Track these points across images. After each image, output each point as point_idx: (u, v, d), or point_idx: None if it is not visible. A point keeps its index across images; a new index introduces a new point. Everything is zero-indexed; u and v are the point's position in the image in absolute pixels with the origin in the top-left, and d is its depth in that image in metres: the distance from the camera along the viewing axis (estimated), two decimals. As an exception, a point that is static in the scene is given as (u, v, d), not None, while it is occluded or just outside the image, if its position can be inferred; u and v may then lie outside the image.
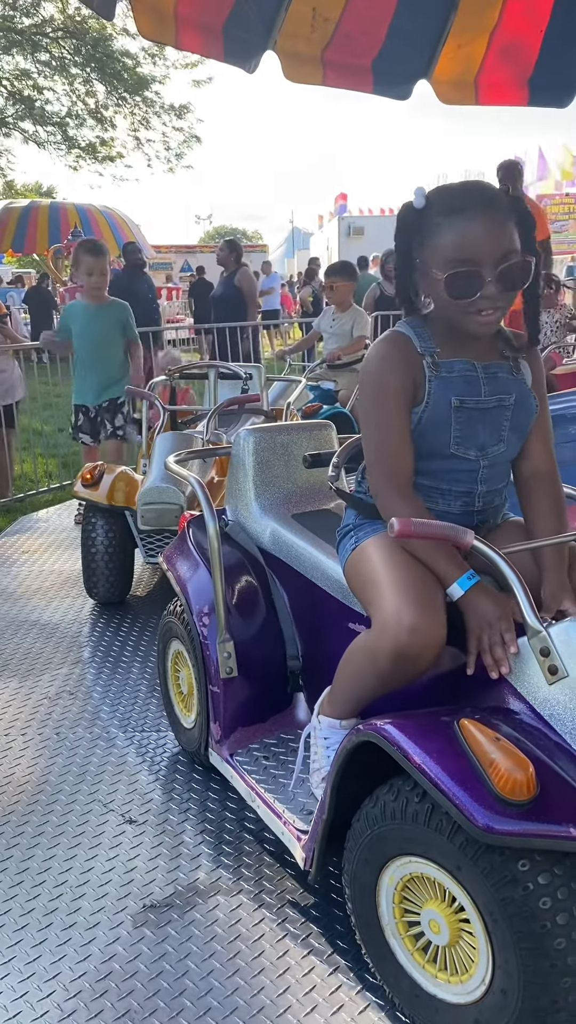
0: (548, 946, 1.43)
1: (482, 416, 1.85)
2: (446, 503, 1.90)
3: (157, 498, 3.64)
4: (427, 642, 1.66)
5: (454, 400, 1.82)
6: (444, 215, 1.71)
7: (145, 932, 2.01)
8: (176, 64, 18.74)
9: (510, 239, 1.70)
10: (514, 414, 1.88)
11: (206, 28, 3.95)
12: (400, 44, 4.53)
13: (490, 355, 1.88)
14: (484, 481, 1.89)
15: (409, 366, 1.82)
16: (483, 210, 1.69)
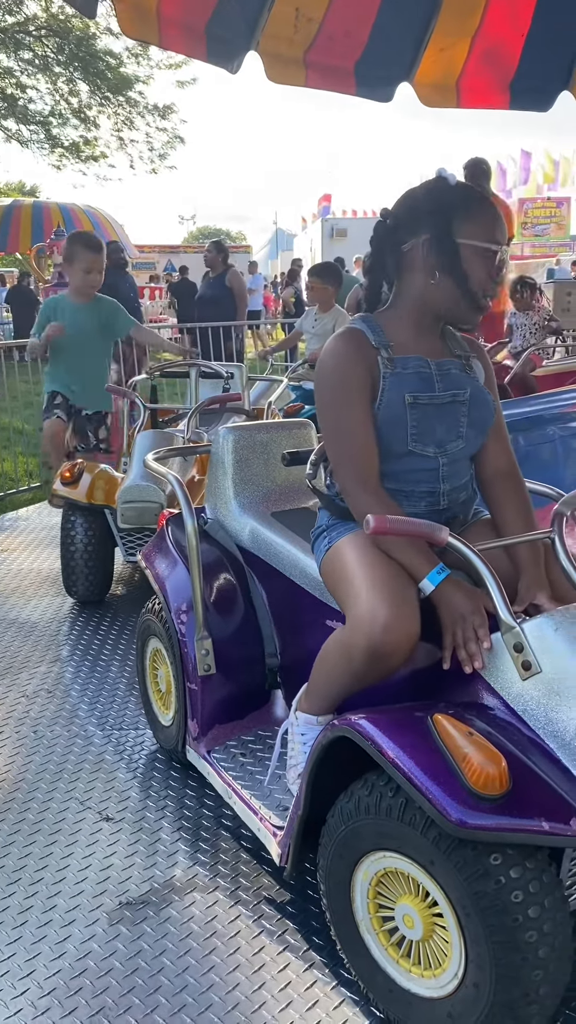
0: (520, 939, 1.44)
1: (437, 412, 1.87)
2: (411, 504, 1.91)
3: (137, 496, 3.64)
4: (400, 639, 1.67)
5: (408, 396, 1.84)
6: (478, 199, 1.85)
7: (121, 929, 2.01)
8: (160, 64, 18.71)
9: None
10: (470, 410, 1.91)
11: (189, 28, 3.95)
12: (382, 46, 4.54)
13: (441, 354, 1.93)
14: (446, 479, 1.91)
15: (366, 360, 1.85)
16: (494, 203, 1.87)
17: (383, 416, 1.84)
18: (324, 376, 1.87)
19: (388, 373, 1.84)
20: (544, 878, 1.47)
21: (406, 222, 1.86)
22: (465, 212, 1.82)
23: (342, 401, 1.84)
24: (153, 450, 2.98)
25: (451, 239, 1.82)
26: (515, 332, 7.58)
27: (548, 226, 30.80)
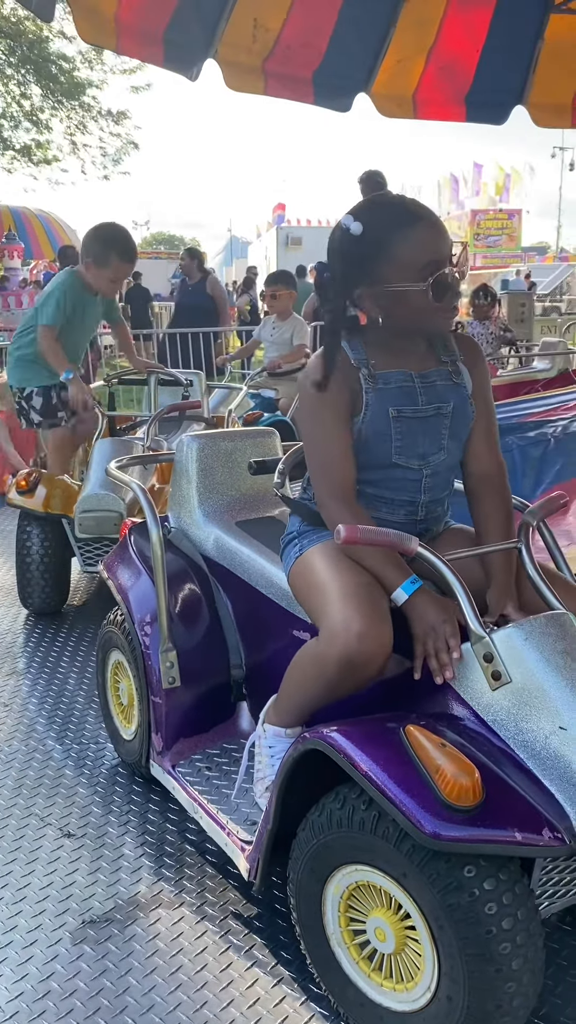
0: (493, 951, 1.44)
1: (421, 425, 1.87)
2: (390, 511, 1.91)
3: (96, 506, 3.59)
4: (375, 649, 1.67)
5: (392, 410, 1.84)
6: (396, 229, 1.75)
7: (84, 948, 1.97)
8: (114, 69, 18.59)
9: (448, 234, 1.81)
10: (452, 422, 1.91)
11: (146, 34, 3.93)
12: (340, 57, 4.57)
13: (428, 363, 1.91)
14: (427, 491, 1.91)
15: (346, 378, 1.84)
16: (427, 213, 1.78)
17: (368, 430, 1.84)
18: (304, 387, 1.88)
19: (370, 389, 1.84)
20: (517, 889, 1.48)
21: (338, 277, 1.83)
22: (385, 255, 1.75)
23: (320, 416, 1.85)
24: (112, 458, 2.94)
25: (381, 288, 1.78)
26: (470, 342, 7.68)
27: (500, 237, 31.29)
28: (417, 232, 1.74)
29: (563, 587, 1.84)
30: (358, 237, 1.77)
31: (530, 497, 2.89)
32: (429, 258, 1.74)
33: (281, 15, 4.30)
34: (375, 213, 1.79)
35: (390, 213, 1.78)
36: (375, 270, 1.77)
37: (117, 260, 3.87)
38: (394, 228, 1.75)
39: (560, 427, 4.10)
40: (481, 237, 31.18)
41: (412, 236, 1.74)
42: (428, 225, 1.76)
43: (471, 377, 1.94)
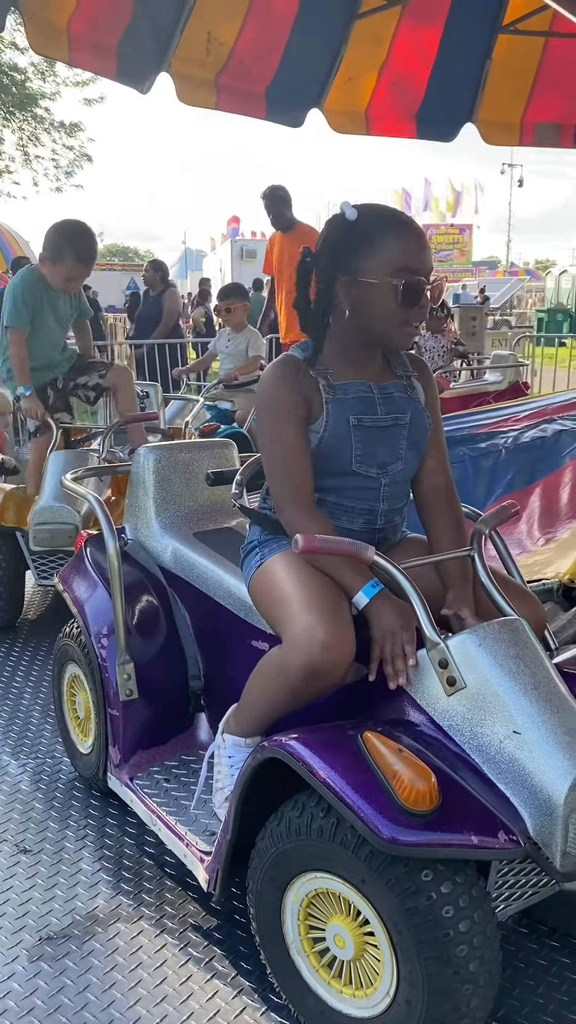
0: (451, 953, 1.46)
1: (380, 434, 1.90)
2: (349, 520, 1.93)
3: (51, 518, 3.56)
4: (339, 657, 1.68)
5: (352, 419, 1.87)
6: (384, 226, 1.81)
7: (42, 966, 1.94)
8: (67, 81, 18.50)
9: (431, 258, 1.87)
10: (410, 432, 1.94)
11: (100, 46, 3.94)
12: (293, 73, 4.62)
13: (384, 376, 1.95)
14: (386, 499, 1.94)
15: (302, 386, 1.87)
16: (419, 228, 1.86)
17: (329, 439, 1.86)
18: (261, 400, 1.91)
19: (330, 399, 1.87)
20: (473, 892, 1.50)
21: (320, 261, 1.87)
22: (368, 248, 1.80)
23: (276, 422, 1.87)
24: (67, 470, 2.92)
25: (356, 278, 1.81)
26: (424, 355, 7.78)
27: (451, 252, 31.75)
28: (403, 235, 1.81)
29: (515, 593, 1.88)
30: (350, 223, 1.83)
31: (482, 506, 2.95)
32: (407, 263, 1.79)
33: (235, 29, 4.34)
34: (372, 208, 1.86)
35: (385, 213, 1.87)
36: (357, 259, 1.82)
37: (72, 259, 3.78)
38: (384, 225, 1.82)
39: (511, 438, 4.18)
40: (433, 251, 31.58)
41: (397, 237, 1.81)
42: (415, 234, 1.83)
43: (423, 392, 2.00)
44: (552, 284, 26.07)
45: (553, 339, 15.47)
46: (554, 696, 1.63)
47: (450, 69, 4.84)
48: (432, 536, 2.00)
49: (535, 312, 24.38)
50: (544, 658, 1.70)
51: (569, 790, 1.51)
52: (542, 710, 1.59)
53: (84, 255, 3.80)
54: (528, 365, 9.90)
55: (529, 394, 7.56)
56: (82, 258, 3.80)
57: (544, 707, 1.60)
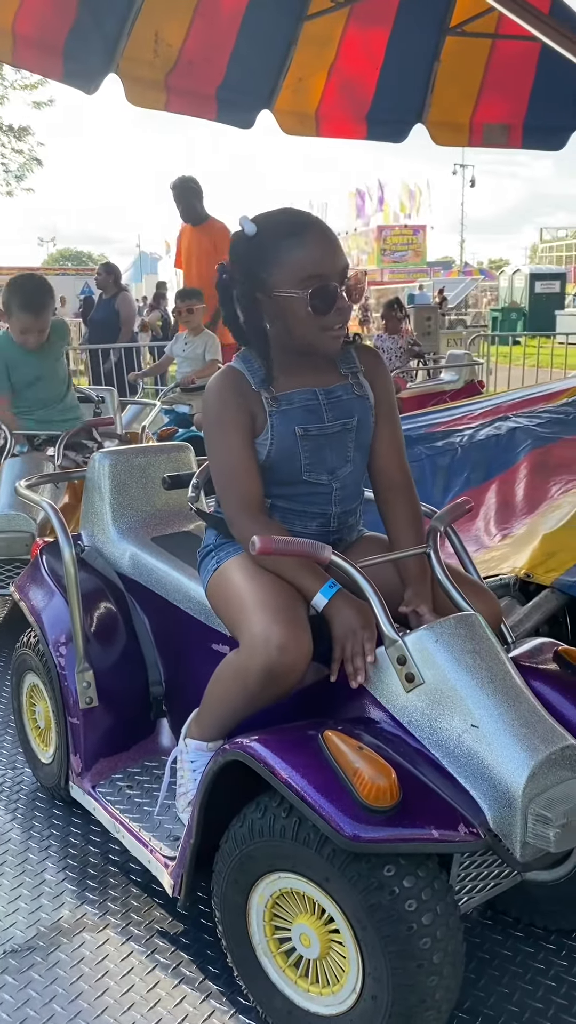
0: (415, 947, 1.47)
1: (327, 441, 1.90)
2: (303, 524, 1.94)
3: (6, 526, 3.51)
4: (295, 659, 1.68)
5: (298, 430, 1.86)
6: (286, 236, 1.78)
7: (6, 979, 1.92)
8: (14, 85, 18.35)
9: (344, 253, 1.84)
10: (357, 435, 1.94)
11: (45, 46, 3.91)
12: (243, 74, 4.63)
13: (331, 378, 1.93)
14: (339, 503, 1.95)
15: (244, 398, 1.85)
16: (321, 230, 1.81)
17: (276, 450, 1.85)
18: (206, 411, 1.90)
19: (274, 411, 1.85)
20: (435, 885, 1.51)
21: (234, 278, 1.85)
22: (273, 262, 1.77)
23: (222, 434, 1.86)
24: (22, 477, 2.89)
25: (269, 295, 1.80)
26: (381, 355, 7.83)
27: (406, 253, 31.98)
28: (304, 242, 1.76)
29: (471, 589, 1.90)
30: (250, 239, 1.81)
31: (440, 504, 2.96)
32: (312, 270, 1.76)
33: (182, 30, 4.33)
34: (270, 219, 1.82)
35: (284, 221, 1.82)
36: (265, 275, 1.79)
37: (17, 310, 3.78)
38: (284, 235, 1.78)
39: (467, 436, 4.22)
40: (388, 252, 31.83)
41: (298, 245, 1.76)
42: (317, 237, 1.77)
43: (374, 389, 1.97)
44: (506, 283, 26.41)
45: (507, 338, 15.67)
46: (510, 689, 1.65)
47: (398, 70, 4.89)
48: (391, 531, 2.00)
49: (490, 311, 24.68)
50: (500, 652, 1.73)
51: (527, 781, 1.53)
52: (499, 703, 1.61)
53: (27, 303, 3.78)
54: (483, 364, 10.00)
55: (484, 392, 7.65)
56: (26, 306, 3.78)
57: (501, 700, 1.62)
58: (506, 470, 3.91)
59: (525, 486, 3.76)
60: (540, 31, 3.87)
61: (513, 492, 3.75)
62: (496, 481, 3.86)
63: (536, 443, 4.03)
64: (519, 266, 27.97)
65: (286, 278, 1.77)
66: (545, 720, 1.63)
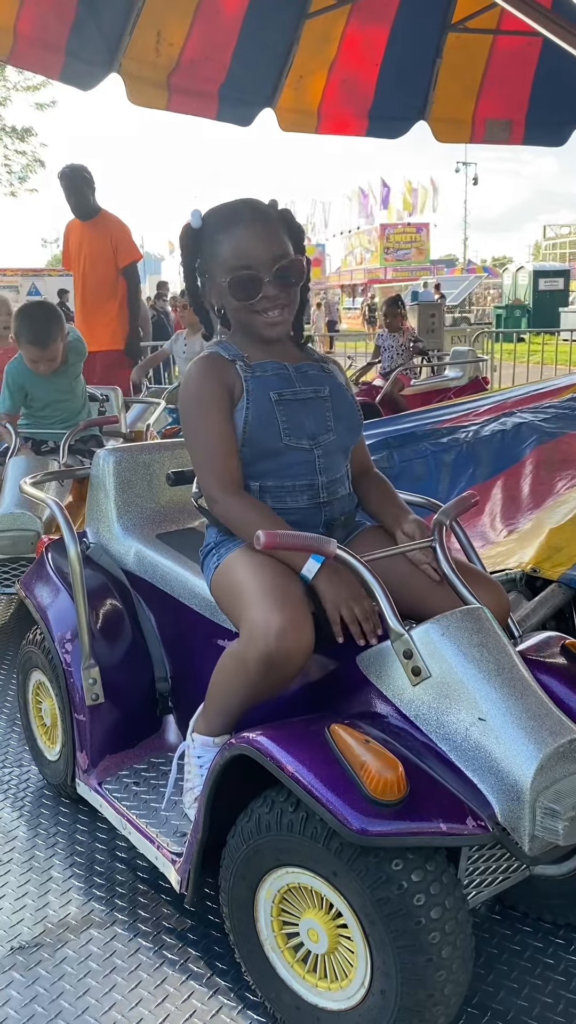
0: (424, 941, 1.47)
1: (303, 406, 1.95)
2: (294, 499, 1.95)
3: (11, 525, 3.51)
4: (295, 646, 1.68)
5: (272, 395, 1.92)
6: (221, 229, 1.89)
7: (14, 976, 1.92)
8: (17, 86, 18.36)
9: (280, 243, 1.90)
10: (334, 404, 2.00)
11: (47, 45, 3.90)
12: (245, 72, 4.63)
13: (299, 358, 2.03)
14: (323, 471, 1.96)
15: (222, 374, 1.93)
16: (253, 220, 1.89)
17: (253, 417, 1.90)
18: (184, 398, 1.97)
19: (249, 377, 1.93)
20: (444, 879, 1.50)
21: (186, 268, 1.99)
22: (209, 252, 1.91)
23: (201, 414, 1.92)
24: (27, 475, 2.89)
25: (212, 284, 1.94)
26: (383, 353, 7.82)
27: (409, 251, 31.95)
28: (233, 233, 1.87)
29: (477, 582, 1.89)
30: (197, 231, 1.93)
31: (445, 500, 2.96)
32: (236, 260, 1.86)
33: (184, 29, 4.33)
34: (214, 212, 1.93)
35: (222, 214, 1.92)
36: (204, 266, 1.94)
37: (25, 343, 3.82)
38: (219, 227, 1.90)
39: (472, 432, 4.21)
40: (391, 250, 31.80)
41: (228, 236, 1.87)
42: (245, 227, 1.87)
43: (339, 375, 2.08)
44: (509, 280, 26.37)
45: (511, 335, 15.65)
46: (517, 682, 1.64)
47: (400, 67, 4.88)
48: (376, 513, 2.08)
49: (493, 308, 24.65)
50: (507, 645, 1.72)
51: (535, 774, 1.52)
52: (506, 696, 1.61)
53: (34, 338, 3.79)
54: (487, 360, 10.00)
55: (489, 389, 7.64)
56: (33, 341, 3.79)
57: (508, 693, 1.61)
58: (512, 466, 3.90)
59: (531, 481, 3.76)
60: (542, 26, 3.86)
61: (519, 487, 3.75)
62: (502, 477, 3.85)
63: (541, 438, 4.03)
64: (523, 263, 27.92)
65: (219, 268, 1.90)
66: (553, 713, 1.63)
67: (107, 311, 5.62)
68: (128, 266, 5.72)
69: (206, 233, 1.91)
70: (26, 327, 3.80)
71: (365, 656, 1.75)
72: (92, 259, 5.66)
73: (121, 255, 5.67)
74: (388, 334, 7.86)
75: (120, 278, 5.68)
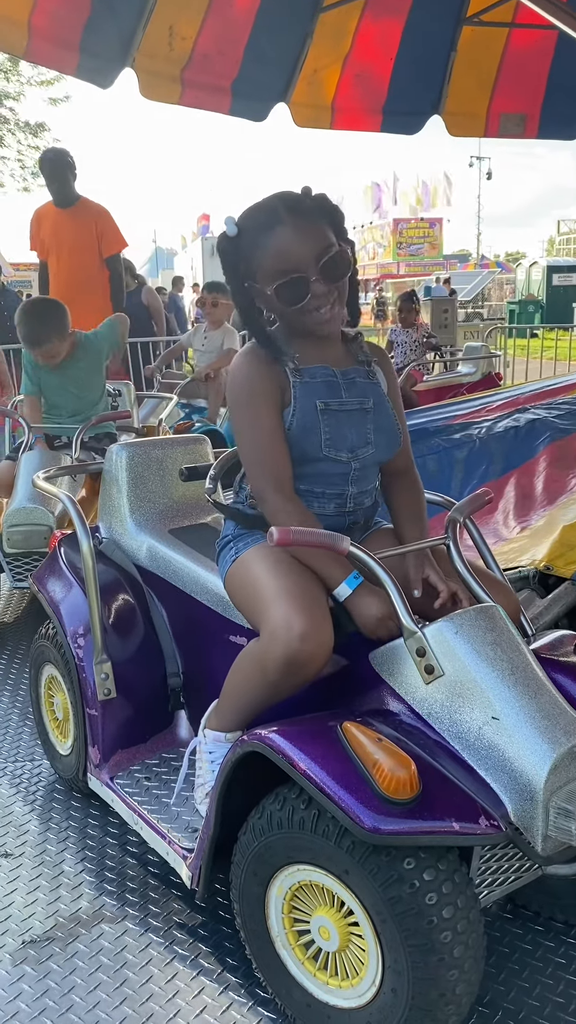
0: (435, 940, 1.46)
1: (348, 418, 1.91)
2: (320, 506, 1.93)
3: (25, 519, 3.52)
4: (317, 649, 1.68)
5: (319, 403, 1.87)
6: (259, 234, 1.81)
7: (25, 969, 1.92)
8: (31, 81, 18.32)
9: (322, 235, 1.82)
10: (375, 417, 1.95)
11: (62, 41, 3.91)
12: (258, 66, 4.62)
13: (346, 362, 1.96)
14: (355, 483, 1.94)
15: (272, 371, 1.87)
16: (290, 217, 1.80)
17: (298, 423, 1.86)
18: (234, 390, 1.90)
19: (297, 382, 1.87)
20: (456, 878, 1.50)
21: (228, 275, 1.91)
22: (251, 260, 1.83)
23: (252, 411, 1.86)
24: (40, 470, 2.89)
25: (247, 289, 1.87)
26: (396, 348, 7.80)
27: (422, 246, 31.82)
28: (271, 238, 1.79)
29: (490, 581, 1.88)
30: (235, 240, 1.85)
31: (458, 497, 2.95)
32: (279, 265, 1.80)
33: (196, 23, 4.32)
34: (248, 217, 1.85)
35: (259, 218, 1.83)
36: (248, 274, 1.85)
37: (21, 339, 3.83)
38: (256, 234, 1.82)
39: (485, 428, 4.20)
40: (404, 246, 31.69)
41: (268, 241, 1.80)
42: (283, 229, 1.79)
43: (384, 378, 2.01)
44: (523, 276, 26.24)
45: (525, 330, 15.58)
46: (531, 681, 1.63)
47: (414, 61, 4.86)
48: (396, 518, 2.05)
49: (507, 304, 24.53)
50: (521, 643, 1.71)
51: (548, 774, 1.52)
52: (520, 695, 1.60)
53: (27, 335, 3.81)
54: (500, 356, 9.95)
55: (502, 385, 7.61)
56: (26, 337, 3.81)
57: (522, 692, 1.60)
58: (525, 462, 3.88)
59: (544, 478, 3.74)
60: (558, 18, 3.83)
61: (532, 484, 3.73)
62: (515, 473, 3.83)
63: (555, 435, 4.01)
64: (536, 258, 27.76)
65: (264, 276, 1.83)
66: (567, 712, 1.62)
67: (90, 304, 5.28)
68: (112, 256, 5.49)
69: (244, 240, 1.83)
70: (23, 324, 3.82)
71: (378, 654, 1.74)
72: (75, 249, 5.39)
73: (106, 244, 5.44)
74: (402, 329, 7.83)
75: (103, 269, 5.46)
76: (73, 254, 5.40)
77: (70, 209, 5.38)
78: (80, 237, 5.38)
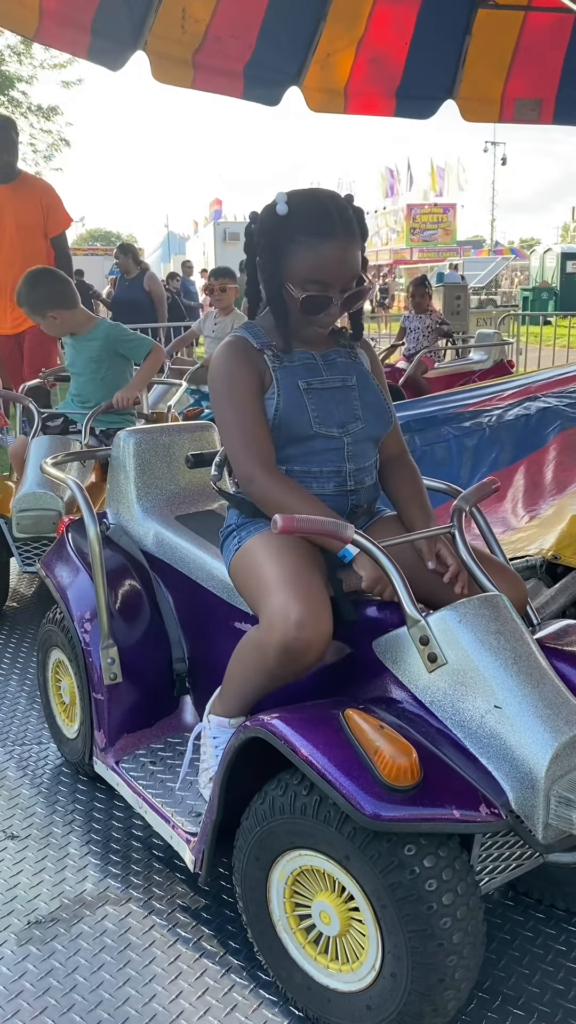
0: (435, 926, 1.47)
1: (332, 395, 1.94)
2: (319, 485, 1.94)
3: (33, 504, 3.53)
4: (314, 636, 1.68)
5: (301, 383, 1.91)
6: (307, 234, 1.81)
7: (30, 949, 1.95)
8: (44, 64, 18.26)
9: (356, 261, 1.85)
10: (361, 394, 1.98)
11: (73, 23, 3.89)
12: (271, 50, 4.59)
13: (327, 345, 2.00)
14: (351, 459, 1.95)
15: (251, 359, 1.91)
16: (343, 236, 1.81)
17: (284, 405, 1.89)
18: (214, 378, 1.94)
19: (277, 367, 1.92)
20: (456, 865, 1.50)
21: (254, 243, 1.90)
22: (290, 251, 1.82)
23: (233, 395, 1.90)
24: (49, 456, 2.90)
25: (277, 276, 1.87)
26: (408, 335, 7.76)
27: (436, 232, 31.59)
28: (320, 248, 1.80)
29: (496, 569, 1.88)
30: (282, 219, 1.83)
31: (467, 485, 2.95)
32: (317, 276, 1.82)
33: (210, 6, 4.29)
34: (304, 209, 1.82)
35: (313, 216, 1.81)
36: (283, 259, 1.85)
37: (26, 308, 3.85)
38: (306, 231, 1.81)
39: (495, 416, 4.18)
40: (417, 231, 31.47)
41: (315, 247, 1.80)
42: (333, 244, 1.80)
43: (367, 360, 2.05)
44: (537, 263, 26.03)
45: (538, 318, 15.47)
46: (534, 670, 1.63)
47: (430, 45, 4.81)
48: (396, 501, 2.07)
49: (520, 291, 24.36)
50: (525, 633, 1.71)
51: (550, 762, 1.52)
52: (523, 684, 1.60)
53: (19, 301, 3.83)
54: (513, 343, 9.89)
55: (514, 372, 7.57)
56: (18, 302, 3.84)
57: (525, 681, 1.60)
58: (535, 451, 3.87)
59: (554, 467, 3.73)
60: (574, 2, 3.79)
61: (542, 473, 3.72)
62: (524, 462, 3.82)
63: (566, 424, 3.99)
64: (550, 245, 27.54)
65: (295, 273, 1.84)
66: (570, 702, 1.62)
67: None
68: (59, 236, 5.21)
69: (289, 226, 1.81)
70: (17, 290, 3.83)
71: (381, 641, 1.75)
72: (22, 227, 5.02)
73: (52, 223, 5.14)
74: (414, 315, 7.79)
75: (49, 249, 5.17)
76: (23, 232, 5.07)
77: (11, 184, 5.02)
78: (29, 215, 5.07)
